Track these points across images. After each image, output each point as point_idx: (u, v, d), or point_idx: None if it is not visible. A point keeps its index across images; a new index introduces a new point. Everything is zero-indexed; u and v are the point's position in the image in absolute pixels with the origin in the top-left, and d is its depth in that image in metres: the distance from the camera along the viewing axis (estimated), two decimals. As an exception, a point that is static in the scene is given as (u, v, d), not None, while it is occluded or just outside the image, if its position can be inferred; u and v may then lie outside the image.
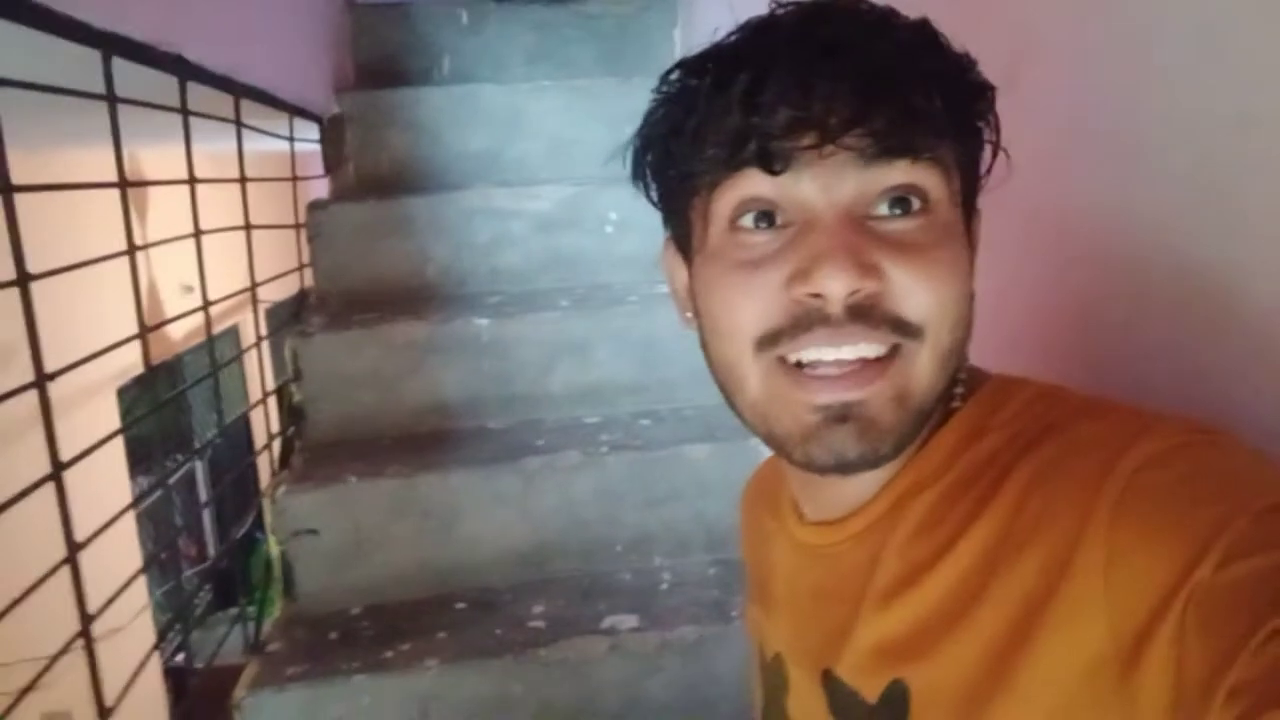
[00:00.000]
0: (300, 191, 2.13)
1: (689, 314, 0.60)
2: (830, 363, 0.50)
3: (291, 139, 1.99)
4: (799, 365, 0.51)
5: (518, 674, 1.37)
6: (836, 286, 0.47)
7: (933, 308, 0.49)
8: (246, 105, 1.67)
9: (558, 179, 2.10)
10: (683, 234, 0.58)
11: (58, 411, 0.96)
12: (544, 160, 2.22)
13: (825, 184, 0.49)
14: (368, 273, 1.97)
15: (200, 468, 4.10)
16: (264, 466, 2.07)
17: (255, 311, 1.73)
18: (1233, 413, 0.60)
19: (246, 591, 1.65)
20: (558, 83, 2.28)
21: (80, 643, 0.95)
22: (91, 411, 2.61)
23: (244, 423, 4.43)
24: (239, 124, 1.61)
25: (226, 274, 1.72)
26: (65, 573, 0.94)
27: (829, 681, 0.59)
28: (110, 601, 1.00)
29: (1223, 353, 0.62)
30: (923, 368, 0.50)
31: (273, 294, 2.16)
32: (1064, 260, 0.81)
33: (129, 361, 1.22)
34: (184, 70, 1.30)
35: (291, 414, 1.73)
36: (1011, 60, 0.86)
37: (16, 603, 0.80)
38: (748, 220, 0.51)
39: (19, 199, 0.91)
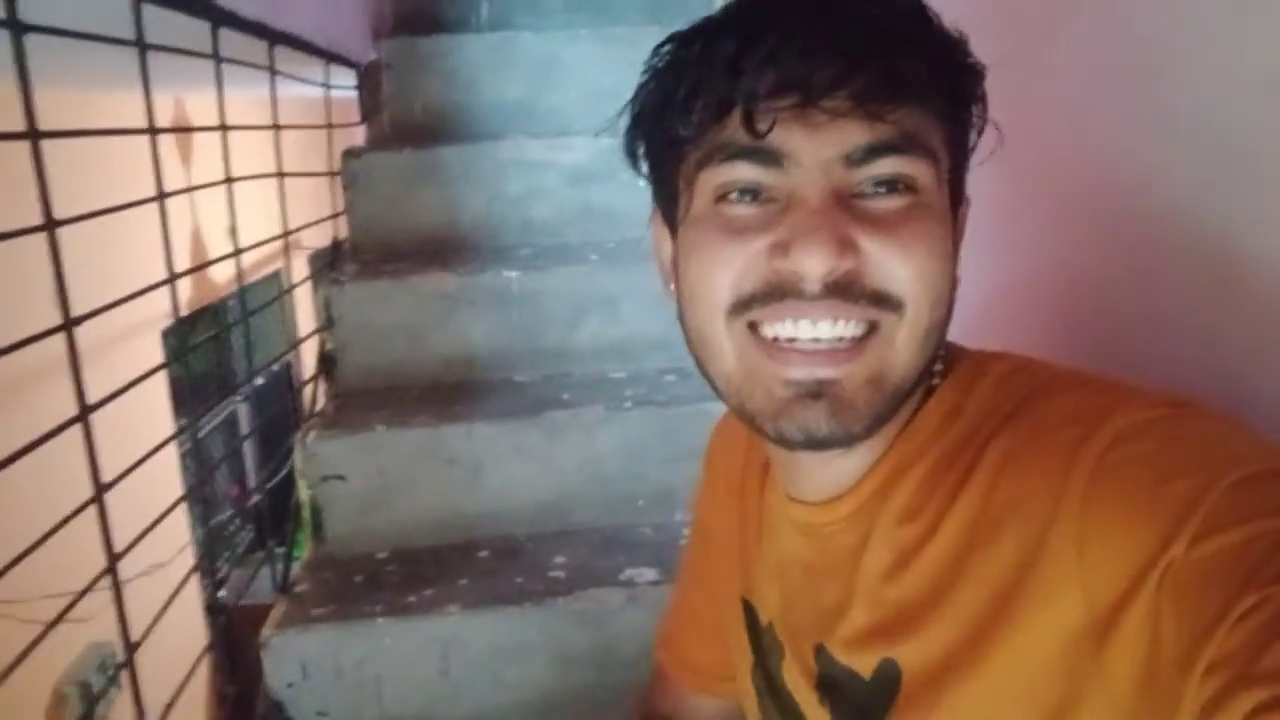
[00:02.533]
0: (339, 139, 2.14)
1: (671, 285, 0.61)
2: (806, 340, 0.50)
3: (327, 86, 1.99)
4: (774, 341, 0.51)
5: (537, 621, 1.39)
6: (814, 264, 0.48)
7: (913, 282, 0.49)
8: (284, 51, 1.67)
9: (592, 130, 2.08)
10: (670, 204, 0.59)
11: (100, 352, 0.96)
12: (579, 110, 2.19)
13: (813, 172, 0.49)
14: (401, 222, 1.97)
15: (244, 410, 4.18)
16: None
17: (287, 257, 1.75)
18: (1247, 383, 0.59)
19: (276, 533, 1.69)
20: (595, 30, 2.24)
21: (116, 578, 0.98)
22: (134, 352, 2.66)
23: (286, 367, 4.52)
24: (272, 70, 1.61)
25: (269, 221, 1.74)
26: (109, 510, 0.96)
27: (821, 656, 0.60)
28: (138, 539, 1.03)
29: (1236, 320, 0.60)
30: (901, 346, 0.50)
31: (317, 241, 2.18)
32: (1082, 215, 0.79)
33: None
34: (216, 15, 1.31)
35: (323, 361, 1.76)
36: (1050, 11, 0.83)
37: (40, 542, 0.83)
38: (734, 195, 0.52)
39: (67, 143, 0.92)
